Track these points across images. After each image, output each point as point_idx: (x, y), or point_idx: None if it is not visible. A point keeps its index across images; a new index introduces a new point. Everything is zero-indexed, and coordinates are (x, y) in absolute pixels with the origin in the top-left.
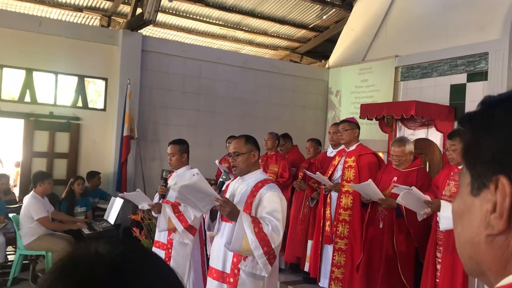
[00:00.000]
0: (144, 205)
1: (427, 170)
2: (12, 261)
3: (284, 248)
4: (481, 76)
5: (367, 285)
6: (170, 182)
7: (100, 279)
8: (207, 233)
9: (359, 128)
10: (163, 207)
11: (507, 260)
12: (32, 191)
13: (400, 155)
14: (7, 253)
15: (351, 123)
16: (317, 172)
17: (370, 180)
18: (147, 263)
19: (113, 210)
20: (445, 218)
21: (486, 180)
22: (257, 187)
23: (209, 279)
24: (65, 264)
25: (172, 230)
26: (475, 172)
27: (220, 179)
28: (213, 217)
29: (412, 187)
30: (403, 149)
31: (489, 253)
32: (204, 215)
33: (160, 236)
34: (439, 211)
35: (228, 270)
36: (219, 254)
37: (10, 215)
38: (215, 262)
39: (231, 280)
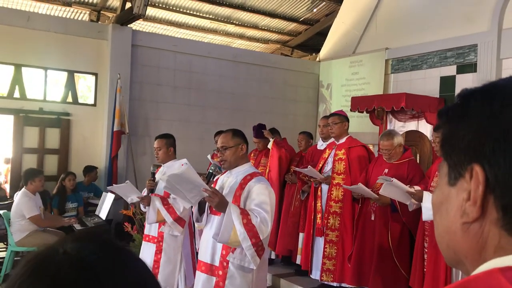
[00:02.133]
0: (133, 198)
1: (418, 160)
2: (4, 258)
3: (276, 241)
4: (470, 67)
5: (359, 276)
6: (158, 175)
7: (71, 281)
8: (196, 225)
9: (348, 120)
10: (152, 200)
11: (482, 247)
12: (24, 189)
13: (389, 148)
14: None
15: (341, 116)
16: (308, 166)
17: (359, 184)
18: (118, 260)
19: (105, 205)
20: (427, 208)
21: (461, 169)
22: (246, 179)
23: (197, 273)
24: (33, 266)
25: (161, 222)
26: (451, 162)
27: (209, 170)
28: (201, 210)
29: (393, 178)
30: (391, 142)
31: (465, 241)
32: (193, 207)
33: (151, 229)
34: (421, 201)
35: (217, 263)
36: (207, 247)
37: (1, 211)
38: (204, 255)
39: (220, 272)
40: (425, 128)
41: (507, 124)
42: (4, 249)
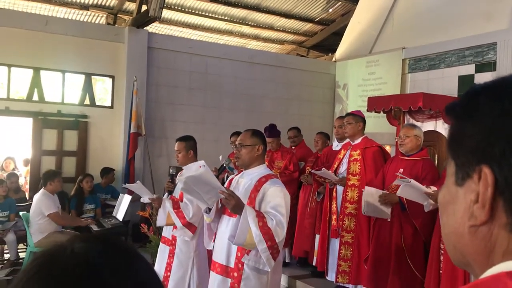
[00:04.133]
0: (145, 198)
1: (436, 162)
2: (23, 258)
3: (292, 243)
4: (489, 66)
5: (375, 278)
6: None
7: (75, 281)
8: (204, 216)
9: (364, 121)
10: (163, 202)
11: (490, 251)
12: (43, 189)
13: (407, 134)
14: (18, 250)
15: (355, 117)
16: (323, 168)
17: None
18: (125, 264)
19: (122, 206)
20: None
21: (469, 170)
22: (261, 182)
23: (212, 273)
24: (40, 264)
25: (170, 225)
26: (459, 162)
27: (223, 164)
28: None
29: (411, 179)
30: (412, 130)
31: (473, 244)
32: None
33: (166, 231)
34: None
35: (232, 265)
36: (222, 249)
37: (21, 213)
38: (219, 256)
39: (235, 274)
40: (443, 128)
41: None
42: (24, 249)
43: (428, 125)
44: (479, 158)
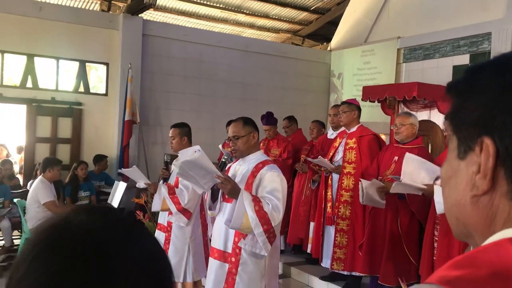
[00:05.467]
0: (140, 183)
1: (430, 151)
2: (18, 245)
3: (287, 230)
4: (484, 56)
5: (370, 265)
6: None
7: (83, 254)
8: (208, 212)
9: (359, 109)
10: (159, 187)
11: (491, 220)
12: (41, 176)
13: (402, 122)
14: (13, 237)
15: (351, 105)
16: (319, 156)
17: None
18: (130, 235)
19: (117, 194)
20: (439, 203)
21: (471, 143)
22: (258, 167)
23: (210, 259)
24: (47, 238)
25: (165, 210)
26: (461, 136)
27: (222, 159)
28: (214, 198)
29: (402, 178)
30: (408, 118)
31: (475, 214)
32: (205, 195)
33: (162, 218)
34: (432, 196)
35: (229, 250)
36: (220, 234)
37: (15, 200)
38: (217, 242)
39: (233, 259)
40: (438, 118)
41: None
42: (19, 236)
43: (422, 115)
44: (480, 131)
